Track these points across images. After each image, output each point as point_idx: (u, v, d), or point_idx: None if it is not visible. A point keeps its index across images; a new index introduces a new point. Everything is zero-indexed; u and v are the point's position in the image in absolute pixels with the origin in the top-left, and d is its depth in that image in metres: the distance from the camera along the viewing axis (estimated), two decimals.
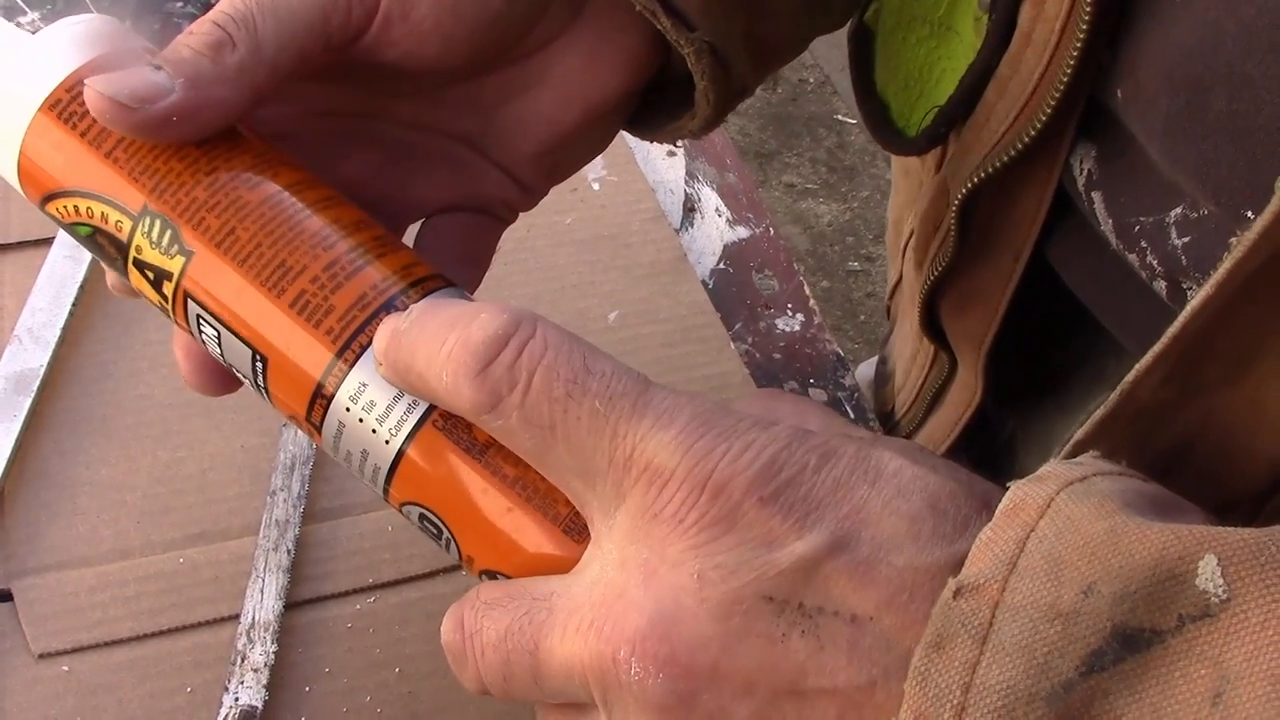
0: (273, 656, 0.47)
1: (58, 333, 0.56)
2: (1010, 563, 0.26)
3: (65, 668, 0.47)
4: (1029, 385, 0.50)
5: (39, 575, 0.49)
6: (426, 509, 0.34)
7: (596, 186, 0.68)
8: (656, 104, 0.42)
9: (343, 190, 0.36)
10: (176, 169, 0.35)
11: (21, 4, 0.77)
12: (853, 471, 0.28)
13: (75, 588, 0.49)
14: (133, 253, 0.35)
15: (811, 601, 0.27)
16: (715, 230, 0.67)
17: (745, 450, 0.28)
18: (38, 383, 0.54)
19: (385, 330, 0.32)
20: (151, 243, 0.35)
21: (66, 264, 0.59)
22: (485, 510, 0.32)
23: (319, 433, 0.35)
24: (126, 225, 0.35)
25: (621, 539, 0.29)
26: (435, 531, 0.34)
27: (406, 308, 0.33)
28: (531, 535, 0.32)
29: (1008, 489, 0.28)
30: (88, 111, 0.34)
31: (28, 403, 0.54)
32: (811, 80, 2.30)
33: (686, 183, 0.70)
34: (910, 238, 0.50)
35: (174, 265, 0.34)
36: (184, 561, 0.50)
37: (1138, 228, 0.37)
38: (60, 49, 0.36)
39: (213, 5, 0.65)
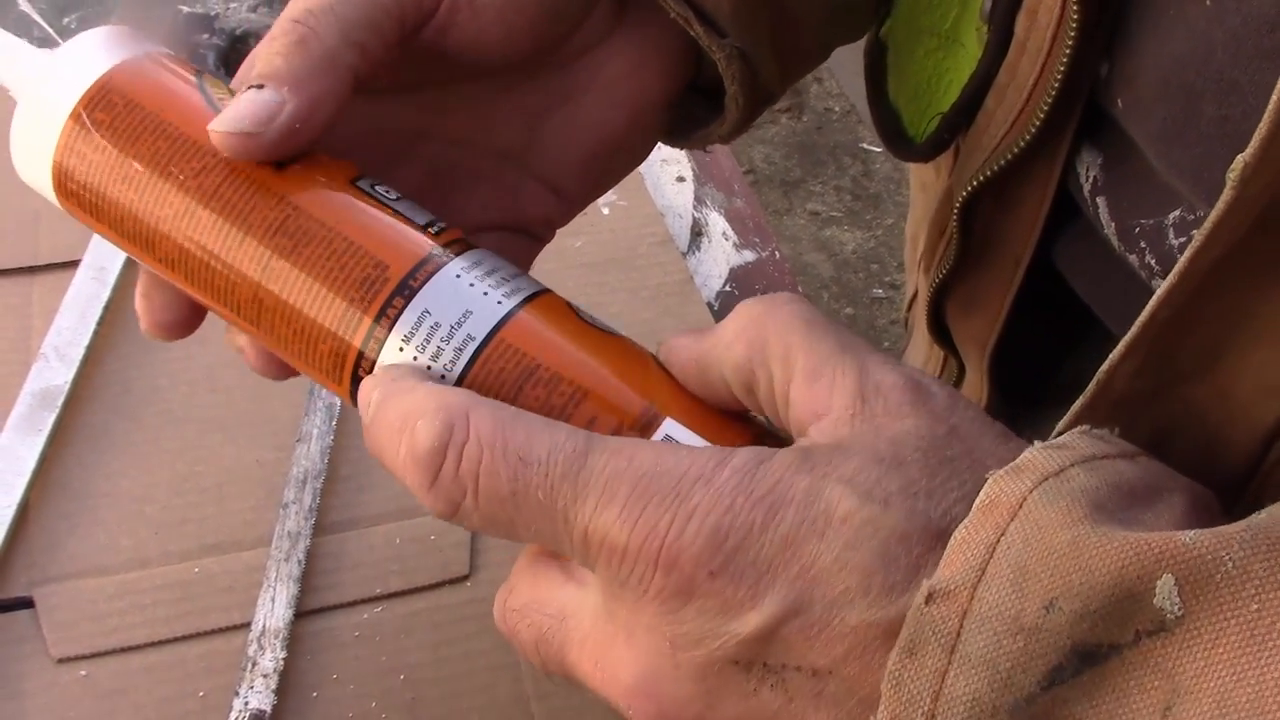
0: (282, 663, 0.49)
1: (82, 351, 0.58)
2: (980, 569, 0.27)
3: (83, 672, 0.49)
4: (1039, 391, 0.51)
5: (60, 583, 0.51)
6: None
7: (606, 211, 0.69)
8: (685, 112, 0.44)
9: None
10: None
11: (55, 36, 0.79)
12: (800, 524, 0.29)
13: (94, 595, 0.51)
14: None
15: (775, 660, 0.29)
16: (722, 254, 0.69)
17: (689, 520, 0.29)
18: (62, 398, 0.56)
19: (362, 409, 0.33)
20: None
21: (92, 285, 0.61)
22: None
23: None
24: None
25: (603, 595, 0.31)
26: None
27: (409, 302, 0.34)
28: None
29: (985, 480, 0.29)
30: (112, 122, 0.36)
31: (52, 418, 0.56)
32: (837, 109, 2.32)
33: (695, 208, 0.71)
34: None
35: None
36: (199, 571, 0.52)
37: (1138, 230, 0.38)
38: (85, 57, 0.37)
39: (238, 36, 0.67)
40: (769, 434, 0.34)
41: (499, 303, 0.34)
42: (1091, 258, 0.42)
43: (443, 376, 0.33)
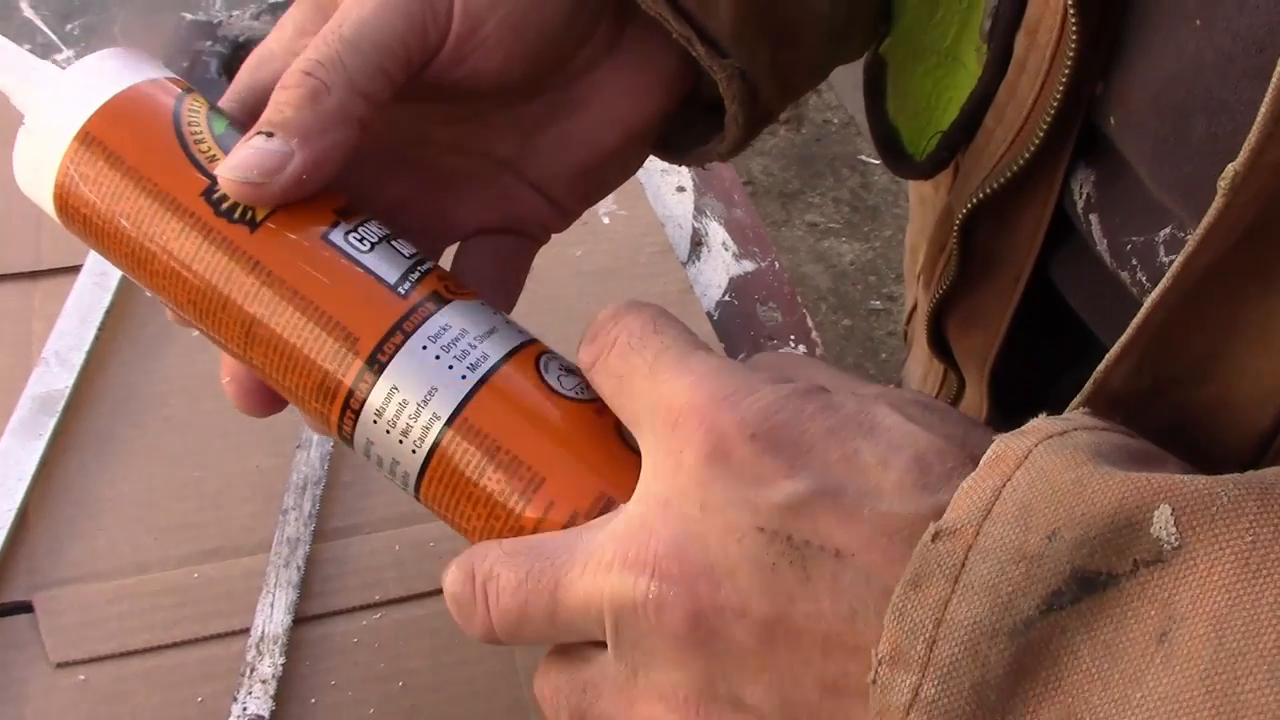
0: (280, 669, 0.49)
1: (83, 356, 0.58)
2: (986, 509, 0.28)
3: (82, 676, 0.49)
4: (1039, 407, 0.52)
5: (60, 588, 0.51)
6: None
7: (607, 220, 0.70)
8: (684, 130, 0.44)
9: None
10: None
11: (58, 42, 0.80)
12: (848, 423, 0.30)
13: (94, 600, 0.51)
14: None
15: (799, 534, 0.29)
16: (721, 264, 0.69)
17: (749, 395, 0.31)
18: (63, 403, 0.57)
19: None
20: None
21: (94, 290, 0.61)
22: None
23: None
24: None
25: (647, 477, 0.32)
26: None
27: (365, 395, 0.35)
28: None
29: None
30: (113, 148, 0.36)
31: (53, 422, 0.56)
32: (835, 121, 2.33)
33: (695, 218, 0.72)
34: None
35: None
36: (199, 576, 0.52)
37: (1129, 247, 0.39)
38: (90, 82, 0.37)
39: (240, 43, 0.67)
40: None
41: (463, 377, 0.35)
42: (1086, 275, 0.43)
43: (413, 452, 0.35)
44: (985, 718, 0.27)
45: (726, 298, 0.67)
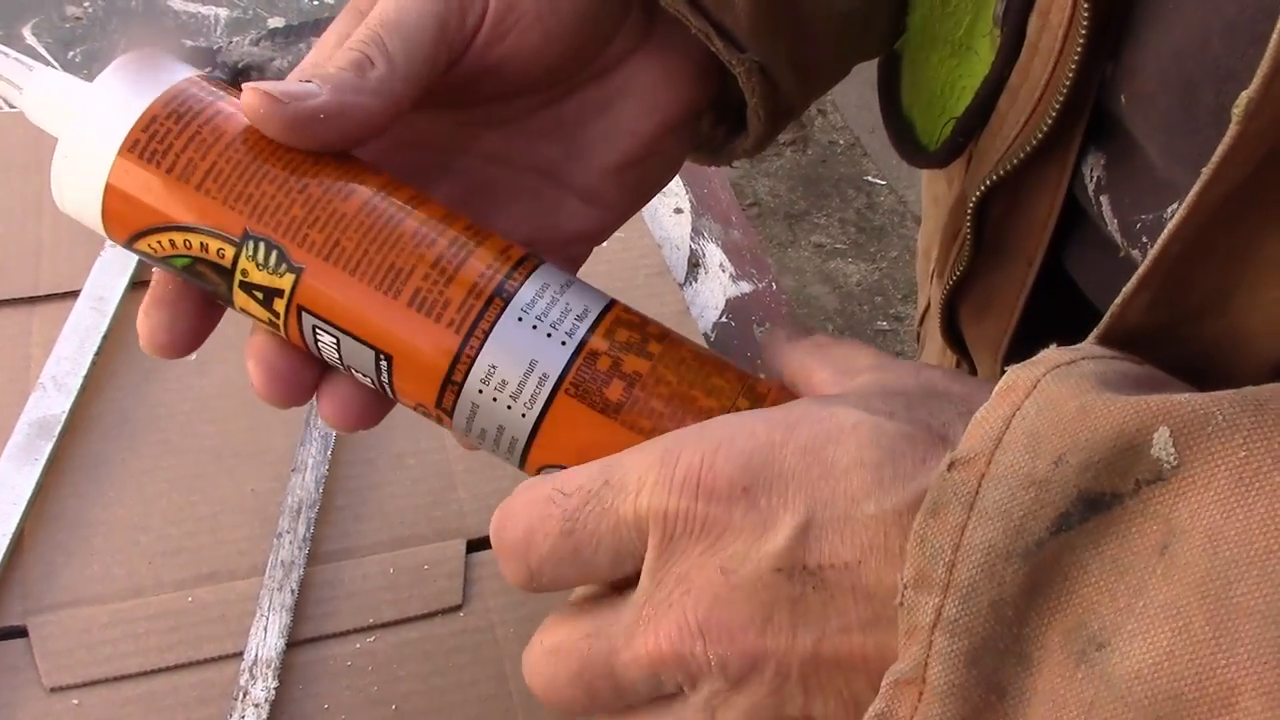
0: (273, 692, 0.49)
1: (80, 380, 0.59)
2: (997, 439, 0.30)
3: (75, 701, 0.49)
4: None
5: (54, 612, 0.51)
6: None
7: (605, 243, 0.70)
8: (712, 131, 0.46)
9: None
10: (269, 191, 0.36)
11: (60, 69, 0.80)
12: (816, 434, 0.32)
13: (88, 624, 0.51)
14: (239, 276, 0.37)
15: (812, 561, 0.31)
16: (719, 285, 0.69)
17: (717, 452, 0.32)
18: (59, 428, 0.57)
19: None
20: (258, 265, 0.36)
21: (91, 315, 0.61)
22: None
23: (450, 416, 0.37)
24: (230, 252, 0.36)
25: (653, 567, 0.33)
26: None
27: (515, 289, 0.36)
28: None
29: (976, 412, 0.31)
30: (170, 147, 0.36)
31: (49, 447, 0.56)
32: (841, 142, 2.33)
33: (692, 239, 0.72)
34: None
35: (284, 283, 0.36)
36: (192, 600, 0.52)
37: (1139, 225, 0.39)
38: (128, 89, 0.37)
39: (240, 69, 0.68)
40: None
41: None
42: (1098, 259, 0.43)
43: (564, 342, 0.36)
44: (1003, 632, 0.29)
45: (724, 319, 0.67)
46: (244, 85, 0.36)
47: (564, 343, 0.36)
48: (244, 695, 0.49)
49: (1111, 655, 0.28)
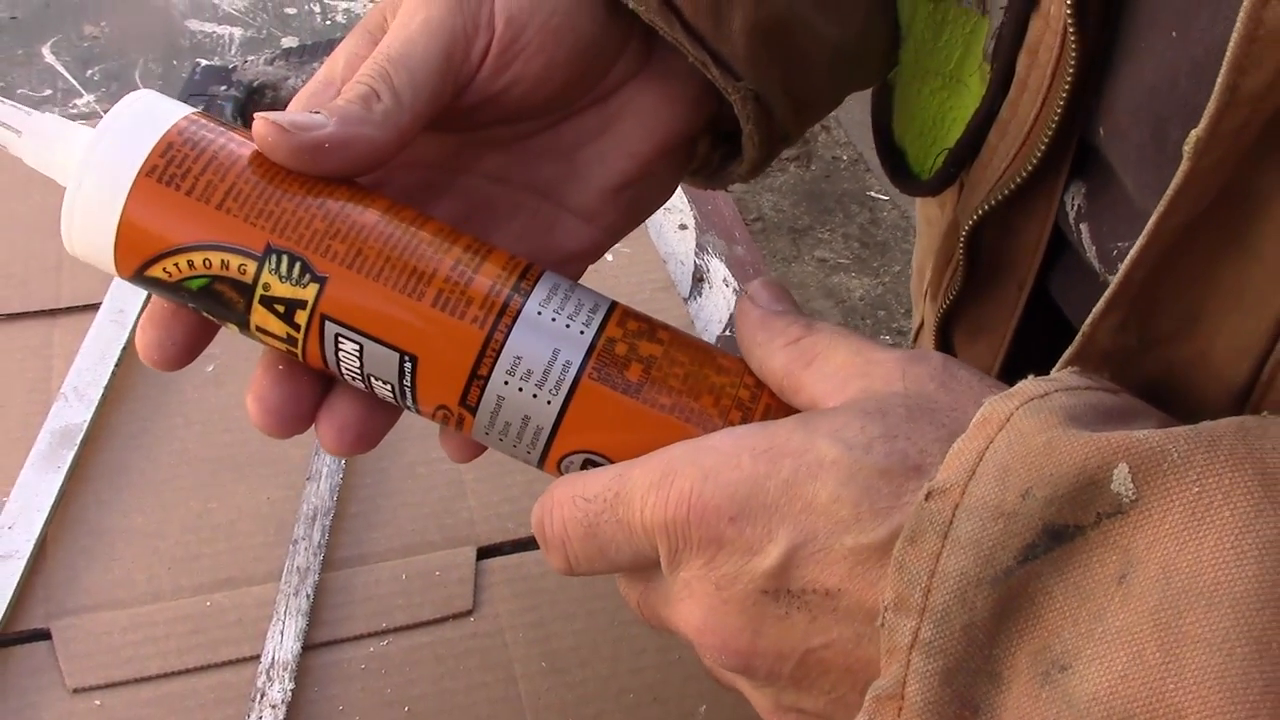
0: (290, 694, 0.51)
1: (101, 391, 0.60)
2: (970, 470, 0.32)
3: (97, 702, 0.51)
4: None
5: (76, 616, 0.53)
6: (593, 453, 0.38)
7: (610, 258, 0.71)
8: (707, 156, 0.47)
9: None
10: (289, 208, 0.38)
11: (78, 87, 0.82)
12: (797, 470, 0.34)
13: (109, 628, 0.53)
14: (260, 291, 0.38)
15: (795, 586, 0.34)
16: (723, 299, 0.71)
17: (706, 481, 0.34)
18: (80, 437, 0.58)
19: None
20: (281, 277, 0.38)
21: (112, 327, 0.63)
22: (651, 440, 0.37)
23: (473, 414, 0.38)
24: (251, 267, 0.38)
25: (667, 567, 0.36)
26: None
27: (531, 288, 0.38)
28: None
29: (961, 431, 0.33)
30: (189, 171, 0.38)
31: (71, 455, 0.58)
32: (845, 158, 2.35)
33: (696, 254, 0.73)
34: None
35: (307, 294, 0.38)
36: (211, 605, 0.54)
37: (1115, 252, 0.41)
38: (138, 121, 0.39)
39: (254, 88, 0.70)
40: None
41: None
42: (1080, 285, 0.45)
43: (584, 329, 0.38)
44: (975, 653, 0.31)
45: (728, 333, 0.69)
46: (255, 114, 0.38)
47: (582, 332, 0.38)
48: (261, 697, 0.50)
49: (1072, 678, 0.30)
